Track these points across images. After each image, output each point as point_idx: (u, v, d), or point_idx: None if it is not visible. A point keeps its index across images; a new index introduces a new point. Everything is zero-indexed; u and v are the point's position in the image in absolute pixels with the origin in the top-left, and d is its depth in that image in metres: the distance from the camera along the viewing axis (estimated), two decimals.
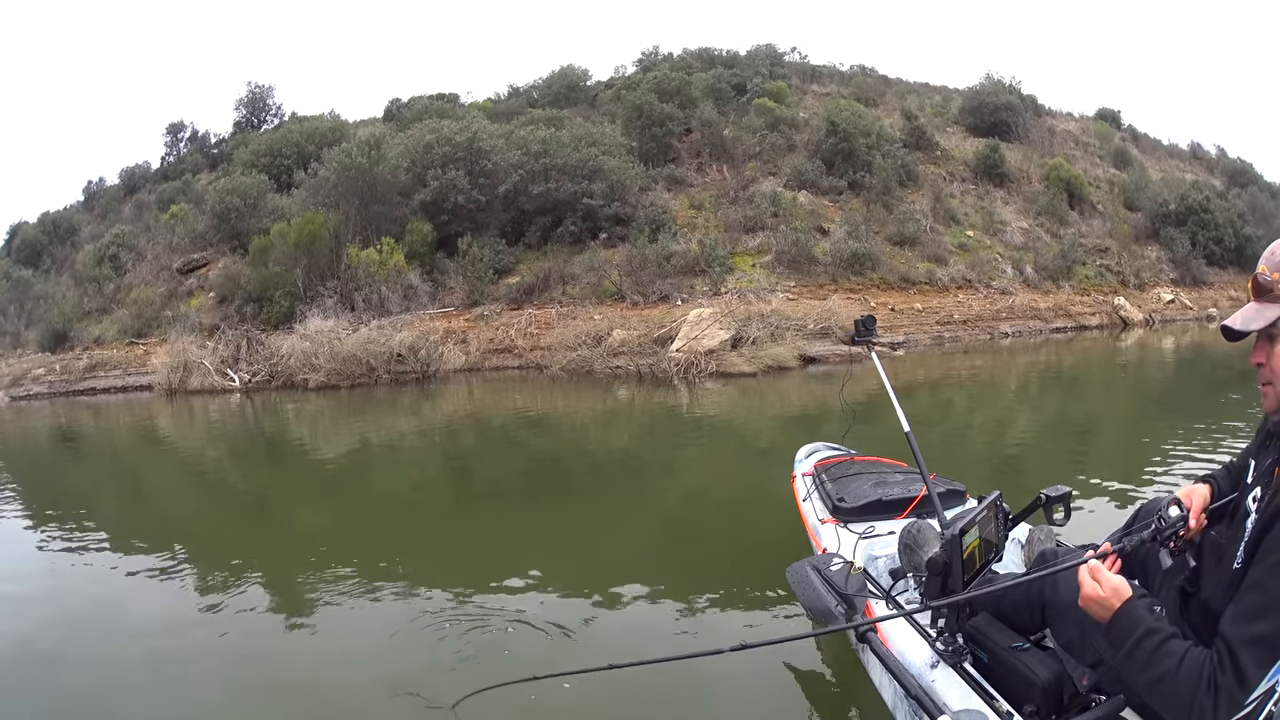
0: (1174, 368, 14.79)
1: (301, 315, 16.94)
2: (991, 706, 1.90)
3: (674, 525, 5.40)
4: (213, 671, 3.31)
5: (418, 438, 9.73)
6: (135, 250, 24.22)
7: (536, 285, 17.59)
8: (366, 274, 17.61)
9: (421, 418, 11.51)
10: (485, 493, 6.71)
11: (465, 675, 3.06)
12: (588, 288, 17.35)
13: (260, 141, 24.26)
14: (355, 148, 19.10)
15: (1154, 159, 30.44)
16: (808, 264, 18.39)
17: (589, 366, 14.66)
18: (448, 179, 18.19)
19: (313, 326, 16.26)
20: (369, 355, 15.17)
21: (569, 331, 15.89)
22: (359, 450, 9.03)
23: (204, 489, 7.67)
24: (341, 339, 15.63)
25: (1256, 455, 1.72)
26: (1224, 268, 25.21)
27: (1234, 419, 8.15)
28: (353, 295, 17.53)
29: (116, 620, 3.98)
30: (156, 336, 19.55)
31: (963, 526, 2.07)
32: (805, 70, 28.07)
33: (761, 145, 21.52)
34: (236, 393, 15.54)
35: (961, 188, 22.85)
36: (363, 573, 4.41)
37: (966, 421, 9.21)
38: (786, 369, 13.87)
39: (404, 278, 17.78)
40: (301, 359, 15.55)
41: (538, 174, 18.34)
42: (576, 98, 25.42)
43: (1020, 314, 19.90)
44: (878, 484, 3.40)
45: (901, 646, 2.27)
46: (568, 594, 4.02)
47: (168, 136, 29.33)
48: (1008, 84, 27.19)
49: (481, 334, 16.84)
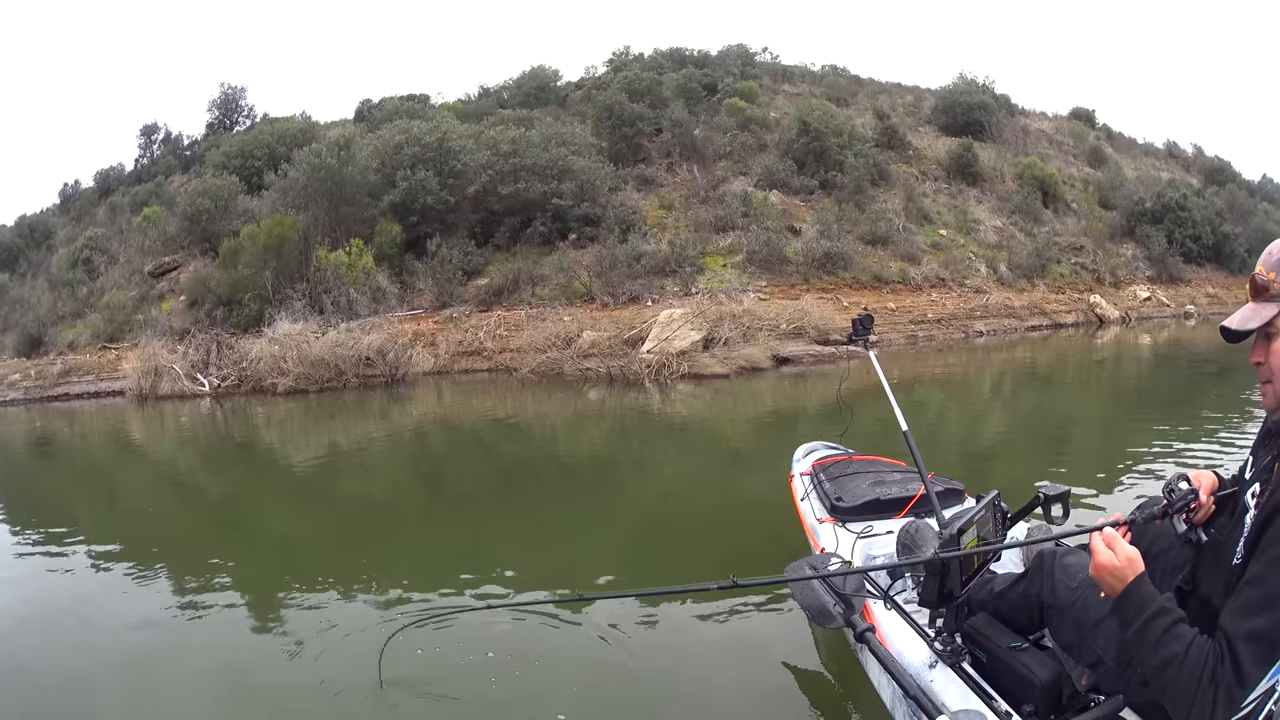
0: (1151, 364, 14.89)
1: (270, 318, 16.79)
2: (990, 706, 1.90)
3: (648, 529, 5.41)
4: (187, 676, 3.35)
5: (387, 443, 9.64)
6: (108, 254, 23.99)
7: (506, 287, 17.47)
8: (335, 276, 17.48)
9: (391, 422, 11.41)
10: (457, 498, 6.73)
11: (436, 675, 3.14)
12: (557, 289, 17.26)
13: (232, 143, 24.10)
14: (325, 148, 18.96)
15: (1129, 157, 30.57)
16: (779, 264, 18.35)
17: (559, 369, 14.55)
18: (417, 180, 18.07)
19: (281, 330, 16.10)
20: (337, 359, 14.97)
21: (538, 333, 15.77)
22: (329, 456, 8.95)
23: (176, 498, 7.62)
24: (310, 342, 15.45)
25: (1256, 451, 1.73)
26: (1201, 265, 25.31)
27: (1214, 414, 8.26)
28: (321, 298, 17.40)
29: (91, 625, 4.01)
30: (129, 341, 19.35)
31: (961, 526, 2.05)
32: (777, 70, 28.03)
33: (732, 145, 21.47)
34: (206, 398, 15.39)
35: (934, 187, 22.88)
36: (335, 578, 4.43)
37: (939, 421, 9.19)
38: (760, 370, 13.81)
39: (372, 280, 17.65)
40: (270, 363, 15.37)
41: (507, 174, 18.23)
42: (547, 98, 25.29)
43: (995, 312, 19.91)
44: (876, 483, 3.40)
45: (900, 646, 2.28)
46: (542, 596, 4.03)
47: (142, 138, 29.12)
48: (981, 83, 27.26)
49: (450, 336, 16.71)
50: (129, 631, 3.83)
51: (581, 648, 3.42)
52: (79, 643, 3.76)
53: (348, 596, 4.17)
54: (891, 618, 2.42)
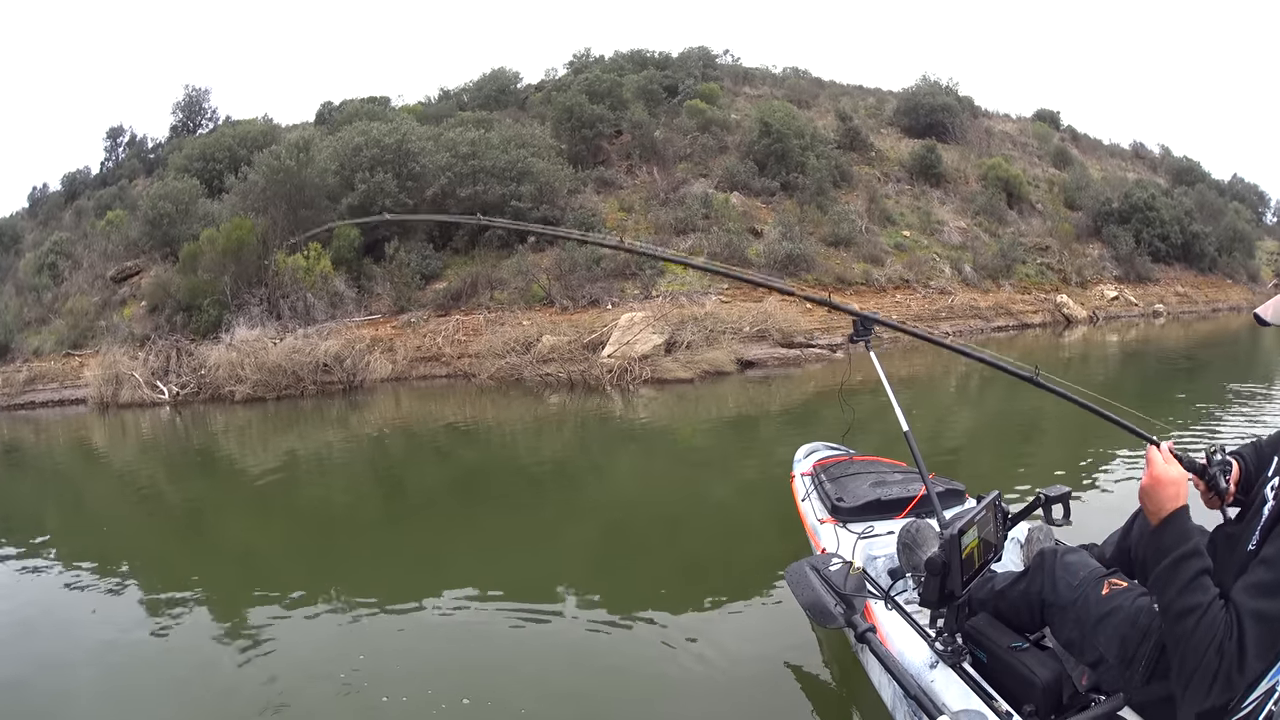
0: (1119, 362, 15.01)
1: (229, 324, 16.63)
2: (991, 707, 1.91)
3: (609, 536, 5.43)
4: (154, 683, 3.40)
5: (346, 451, 9.58)
6: (73, 258, 23.73)
7: (464, 290, 17.36)
8: (293, 281, 17.34)
9: (349, 430, 11.31)
10: (418, 506, 6.77)
11: (398, 681, 3.18)
12: (516, 292, 17.16)
13: (194, 145, 23.84)
14: (284, 150, 18.79)
15: (1095, 159, 30.74)
16: (741, 266, 18.29)
17: (518, 374, 14.43)
18: (376, 182, 17.92)
19: (238, 336, 15.96)
20: (295, 366, 14.80)
21: (497, 338, 15.66)
22: (288, 466, 8.86)
23: (139, 508, 7.59)
24: (267, 349, 15.31)
25: (1278, 448, 1.79)
26: (1170, 264, 25.47)
27: (1186, 408, 8.39)
28: (279, 303, 17.25)
29: (64, 633, 4.06)
30: (91, 348, 19.14)
31: (961, 527, 2.06)
32: (738, 73, 27.98)
33: (693, 147, 21.43)
34: (166, 406, 15.21)
35: (897, 188, 22.91)
36: (298, 589, 4.45)
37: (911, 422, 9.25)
38: (724, 374, 13.72)
39: (330, 284, 17.51)
40: (228, 370, 15.22)
41: (466, 176, 18.13)
42: (507, 100, 25.18)
43: (961, 313, 19.96)
44: (877, 484, 3.44)
45: (901, 646, 2.29)
46: (504, 602, 4.07)
47: (108, 141, 28.75)
48: (944, 85, 27.31)
49: (409, 342, 16.59)
50: (100, 641, 3.89)
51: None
52: (46, 654, 3.80)
53: (309, 604, 4.20)
54: (892, 618, 2.44)
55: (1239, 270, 27.86)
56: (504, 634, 3.64)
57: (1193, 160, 31.97)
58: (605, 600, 3.98)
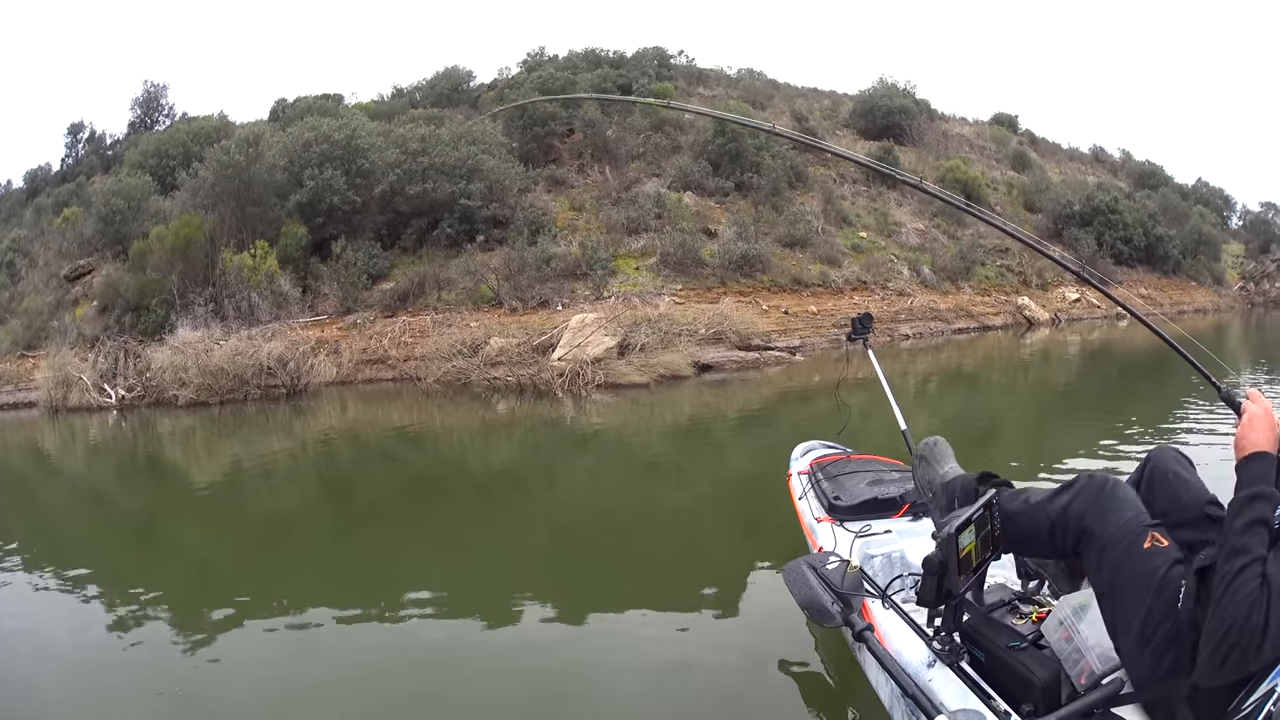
0: (1080, 364, 15.05)
1: (173, 325, 16.41)
2: (989, 706, 1.91)
3: (561, 543, 5.39)
4: (111, 688, 3.38)
5: (292, 459, 9.34)
6: (29, 256, 23.45)
7: (411, 291, 17.15)
8: (239, 280, 17.13)
9: (295, 436, 11.06)
10: (367, 515, 6.65)
11: (346, 690, 3.18)
12: (464, 293, 16.98)
13: (149, 142, 23.61)
14: (234, 145, 18.57)
15: (1054, 162, 30.91)
16: (695, 266, 18.23)
17: (466, 378, 14.17)
18: (324, 179, 17.72)
19: (182, 337, 15.68)
20: (238, 368, 14.44)
21: (444, 340, 15.38)
22: (234, 475, 8.65)
23: (90, 516, 7.47)
24: (210, 351, 15.03)
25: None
26: (1133, 267, 25.62)
27: (1141, 409, 8.48)
28: (224, 303, 17.05)
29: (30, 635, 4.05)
30: (44, 349, 18.85)
31: (959, 525, 2.02)
32: (692, 73, 27.89)
33: (646, 146, 21.35)
34: (113, 410, 14.94)
35: (853, 189, 22.92)
36: (246, 597, 4.44)
37: (863, 423, 9.28)
38: (681, 378, 13.46)
39: (275, 284, 17.31)
40: (172, 373, 14.92)
41: (415, 173, 17.95)
42: (459, 99, 25.01)
43: (920, 315, 19.95)
44: (874, 482, 3.43)
45: (898, 645, 2.29)
46: (457, 611, 4.07)
47: (68, 137, 28.52)
48: (901, 88, 27.35)
49: (354, 344, 16.34)
50: (53, 652, 3.86)
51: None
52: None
53: (257, 614, 4.18)
54: (890, 616, 2.43)
55: (1203, 273, 28.10)
56: (457, 642, 3.64)
57: (1155, 164, 32.29)
58: (574, 604, 4.01)
